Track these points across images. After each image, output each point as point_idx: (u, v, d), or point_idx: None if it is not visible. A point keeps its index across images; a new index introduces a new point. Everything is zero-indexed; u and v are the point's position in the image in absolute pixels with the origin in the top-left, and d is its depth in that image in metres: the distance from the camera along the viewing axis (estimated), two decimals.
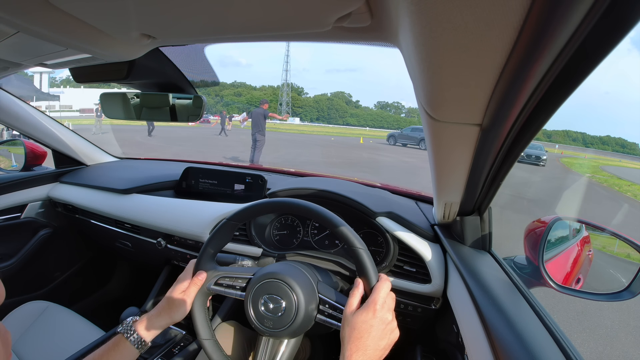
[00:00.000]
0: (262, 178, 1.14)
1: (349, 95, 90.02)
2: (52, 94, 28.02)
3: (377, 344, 0.54)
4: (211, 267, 0.72)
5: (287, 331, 0.64)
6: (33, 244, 1.38)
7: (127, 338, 0.62)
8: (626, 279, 0.66)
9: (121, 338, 0.62)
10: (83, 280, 1.64)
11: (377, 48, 0.51)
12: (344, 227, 0.64)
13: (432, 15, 0.25)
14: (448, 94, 0.37)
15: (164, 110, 0.89)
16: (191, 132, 16.56)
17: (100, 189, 1.29)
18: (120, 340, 0.62)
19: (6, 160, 2.88)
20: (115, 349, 0.61)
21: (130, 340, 0.62)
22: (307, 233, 1.06)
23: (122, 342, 0.62)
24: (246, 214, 0.72)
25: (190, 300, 0.67)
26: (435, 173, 0.64)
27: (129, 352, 0.61)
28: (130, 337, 0.62)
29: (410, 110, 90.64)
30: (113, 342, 0.62)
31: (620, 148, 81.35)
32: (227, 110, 19.86)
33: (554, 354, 0.46)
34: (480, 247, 0.79)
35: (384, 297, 0.58)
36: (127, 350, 0.61)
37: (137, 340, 0.62)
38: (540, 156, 13.49)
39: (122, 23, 0.43)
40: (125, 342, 0.61)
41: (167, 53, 0.73)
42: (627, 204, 7.58)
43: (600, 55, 0.25)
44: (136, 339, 0.62)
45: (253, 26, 0.42)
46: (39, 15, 0.40)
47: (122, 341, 0.62)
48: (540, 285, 0.71)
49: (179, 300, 0.66)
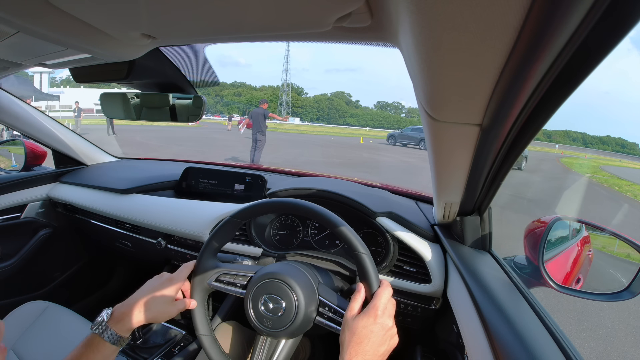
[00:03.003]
0: (262, 178, 1.14)
1: (349, 95, 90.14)
2: (52, 94, 28.04)
3: (377, 350, 0.54)
4: (213, 263, 0.72)
5: (286, 332, 0.64)
6: (33, 244, 1.38)
7: (102, 336, 0.58)
8: (626, 279, 0.66)
9: (95, 337, 0.59)
10: (83, 280, 1.64)
11: (377, 48, 0.51)
12: (348, 231, 0.64)
13: (432, 15, 0.25)
14: (448, 94, 0.37)
15: (164, 110, 0.89)
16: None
17: (100, 189, 1.29)
18: (94, 338, 0.59)
19: (6, 160, 2.88)
20: (90, 348, 0.58)
21: (105, 337, 0.58)
22: (307, 233, 1.06)
23: (96, 340, 0.58)
24: (250, 212, 0.72)
25: (177, 310, 0.65)
26: (435, 173, 0.64)
27: (107, 348, 0.58)
28: (105, 335, 0.58)
29: (410, 110, 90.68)
30: (87, 342, 0.58)
31: (620, 148, 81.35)
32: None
33: (554, 354, 0.46)
34: (480, 247, 0.79)
35: (385, 303, 0.58)
36: (105, 348, 0.58)
37: (113, 337, 0.59)
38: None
39: (122, 23, 0.43)
40: (101, 340, 0.58)
41: (167, 53, 0.73)
42: (627, 204, 7.58)
43: (600, 55, 0.25)
44: (112, 335, 0.59)
45: (253, 26, 0.42)
46: (39, 15, 0.40)
47: (96, 339, 0.58)
48: (540, 285, 0.71)
49: (167, 304, 0.64)
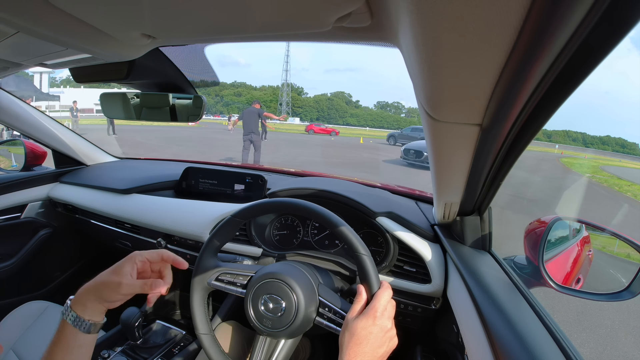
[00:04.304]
0: (262, 178, 1.14)
1: (348, 95, 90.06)
2: (52, 94, 28.05)
3: (376, 352, 0.54)
4: (213, 262, 0.72)
5: (285, 332, 0.64)
6: (33, 244, 1.38)
7: (66, 319, 0.52)
8: (626, 279, 0.66)
9: (62, 321, 0.53)
10: (83, 280, 1.61)
11: (377, 48, 0.51)
12: (348, 232, 0.64)
13: (432, 15, 0.25)
14: (448, 94, 0.37)
15: (164, 110, 0.89)
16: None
17: (100, 189, 1.29)
18: (62, 322, 0.52)
19: (6, 160, 2.88)
20: (60, 333, 0.52)
21: (68, 320, 0.52)
22: (307, 233, 1.06)
23: (63, 324, 0.52)
24: (251, 212, 0.72)
25: (123, 292, 0.55)
26: (435, 173, 0.64)
27: (71, 331, 0.51)
28: (68, 318, 0.52)
29: (410, 110, 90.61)
30: (59, 326, 0.53)
31: (620, 148, 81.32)
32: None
33: (554, 354, 0.46)
34: (480, 247, 0.79)
35: (385, 305, 0.58)
36: (69, 330, 0.51)
37: (74, 319, 0.52)
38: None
39: (122, 23, 0.43)
40: (66, 323, 0.52)
41: (167, 53, 0.73)
42: (627, 204, 7.58)
43: (600, 55, 0.25)
44: (73, 317, 0.52)
45: (253, 26, 0.42)
46: (39, 15, 0.40)
47: (63, 323, 0.52)
48: (540, 285, 0.71)
49: (112, 285, 0.55)
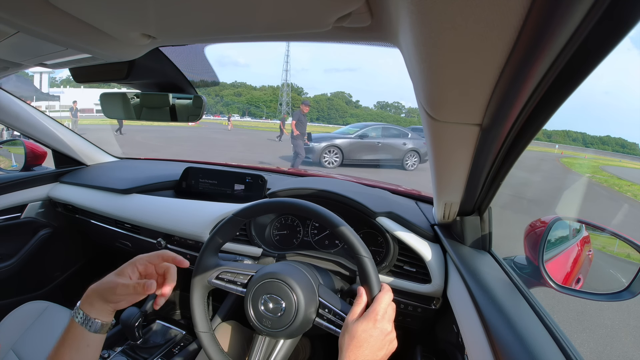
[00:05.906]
0: (262, 178, 1.14)
1: (349, 95, 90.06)
2: (52, 94, 28.05)
3: (376, 354, 0.54)
4: (214, 260, 0.72)
5: (285, 332, 0.64)
6: (33, 244, 1.38)
7: (75, 318, 0.53)
8: (626, 279, 0.66)
9: (71, 320, 0.53)
10: (83, 280, 1.63)
11: (377, 48, 0.51)
12: (349, 232, 0.64)
13: (432, 15, 0.25)
14: (448, 94, 0.37)
15: (164, 110, 0.88)
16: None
17: (100, 189, 1.29)
18: (70, 322, 0.53)
19: (6, 160, 2.88)
20: (67, 332, 0.52)
21: (77, 319, 0.52)
22: (307, 233, 1.06)
23: (71, 323, 0.53)
24: (252, 211, 0.72)
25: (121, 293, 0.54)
26: (435, 173, 0.64)
27: (79, 331, 0.52)
28: (77, 317, 0.53)
29: (410, 110, 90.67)
30: (68, 325, 0.53)
31: (620, 148, 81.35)
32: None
33: (554, 354, 0.46)
34: (480, 247, 0.79)
35: (385, 308, 0.58)
36: (77, 330, 0.52)
37: (83, 318, 0.52)
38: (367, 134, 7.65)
39: (122, 23, 0.43)
40: (74, 323, 0.52)
41: (167, 53, 0.73)
42: (627, 204, 7.58)
43: (600, 55, 0.25)
44: (82, 317, 0.52)
45: (253, 26, 0.42)
46: (39, 15, 0.40)
47: (71, 322, 0.53)
48: (540, 285, 0.71)
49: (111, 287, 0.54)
